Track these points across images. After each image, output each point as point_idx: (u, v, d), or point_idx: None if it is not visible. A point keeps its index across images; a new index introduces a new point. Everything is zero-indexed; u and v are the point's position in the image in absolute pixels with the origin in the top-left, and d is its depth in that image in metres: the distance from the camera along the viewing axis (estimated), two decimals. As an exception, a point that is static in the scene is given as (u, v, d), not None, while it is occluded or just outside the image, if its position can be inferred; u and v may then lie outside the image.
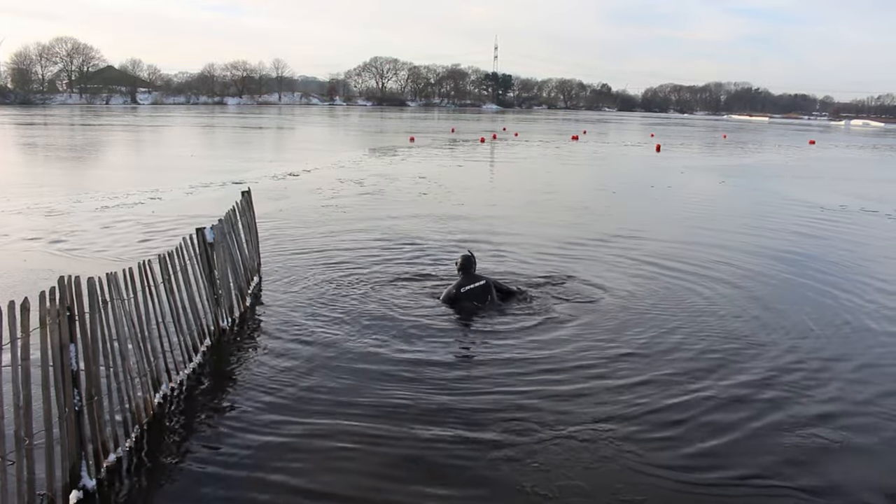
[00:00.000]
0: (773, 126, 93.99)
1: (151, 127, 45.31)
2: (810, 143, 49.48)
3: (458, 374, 5.47)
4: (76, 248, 9.43)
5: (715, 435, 4.56)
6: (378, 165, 22.78)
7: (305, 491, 3.85)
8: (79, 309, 3.74)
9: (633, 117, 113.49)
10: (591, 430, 4.57)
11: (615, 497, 3.86)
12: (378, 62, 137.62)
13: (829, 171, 27.43)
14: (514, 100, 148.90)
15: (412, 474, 4.03)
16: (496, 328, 6.59)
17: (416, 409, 4.83)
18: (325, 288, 7.69)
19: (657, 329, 6.65)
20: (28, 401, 3.36)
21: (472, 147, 33.42)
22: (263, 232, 9.29)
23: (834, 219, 14.17)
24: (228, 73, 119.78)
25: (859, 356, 6.15)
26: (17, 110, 65.57)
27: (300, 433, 4.46)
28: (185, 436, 4.41)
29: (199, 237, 5.84)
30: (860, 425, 4.78)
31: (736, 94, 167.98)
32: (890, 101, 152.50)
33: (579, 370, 5.59)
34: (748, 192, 19.18)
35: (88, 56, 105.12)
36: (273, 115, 74.15)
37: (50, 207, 12.54)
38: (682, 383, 5.39)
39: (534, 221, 12.63)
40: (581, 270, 8.74)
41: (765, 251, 10.57)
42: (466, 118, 79.46)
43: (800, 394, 5.28)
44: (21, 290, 6.89)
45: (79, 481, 3.68)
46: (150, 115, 64.66)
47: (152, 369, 4.70)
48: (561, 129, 58.95)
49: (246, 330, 6.40)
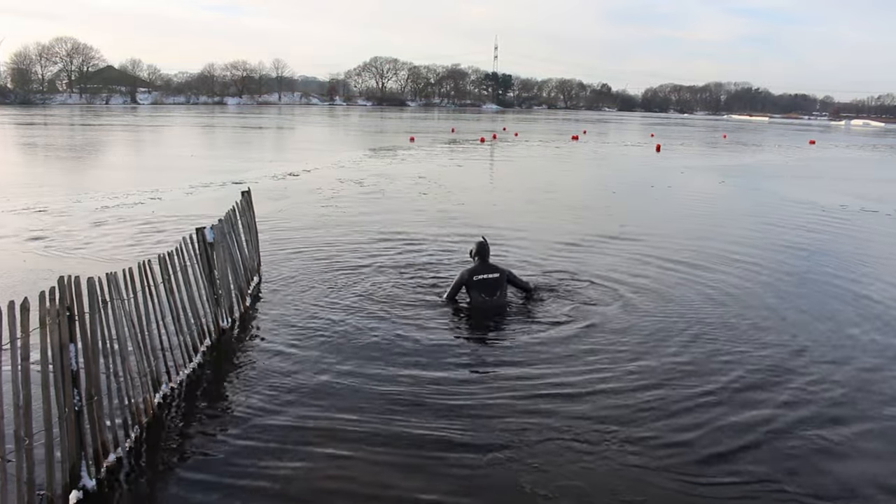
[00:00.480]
0: (773, 126, 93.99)
1: (151, 127, 45.30)
2: (810, 143, 49.48)
3: (458, 375, 5.46)
4: (76, 248, 9.43)
5: (717, 436, 4.56)
6: (378, 165, 22.78)
7: (305, 491, 3.85)
8: (79, 309, 3.73)
9: (633, 117, 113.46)
10: (591, 431, 4.57)
11: (615, 497, 3.85)
12: (378, 62, 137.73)
13: (829, 171, 27.43)
14: (514, 100, 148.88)
15: (412, 475, 4.03)
16: (497, 328, 6.59)
17: (416, 409, 4.82)
18: (326, 288, 7.69)
19: (660, 330, 6.64)
20: (28, 401, 3.36)
21: (472, 147, 33.41)
22: (263, 232, 9.28)
23: (834, 219, 14.17)
24: (228, 73, 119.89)
25: (868, 359, 6.13)
26: (16, 110, 65.56)
27: (300, 434, 4.45)
28: (185, 436, 4.41)
29: (199, 237, 5.83)
30: (867, 429, 4.76)
31: (736, 94, 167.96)
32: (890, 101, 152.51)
33: (580, 370, 5.59)
34: (748, 192, 19.18)
35: (88, 56, 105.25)
36: (273, 115, 74.13)
37: (50, 207, 12.53)
38: (685, 384, 5.39)
39: (535, 221, 12.63)
40: (582, 270, 8.73)
41: (765, 251, 10.57)
42: (466, 118, 79.45)
43: (805, 395, 5.26)
44: (21, 290, 6.88)
45: (78, 481, 3.68)
46: (149, 115, 64.65)
47: (152, 369, 4.69)
48: (561, 129, 58.94)
49: (246, 330, 6.39)
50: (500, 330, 6.53)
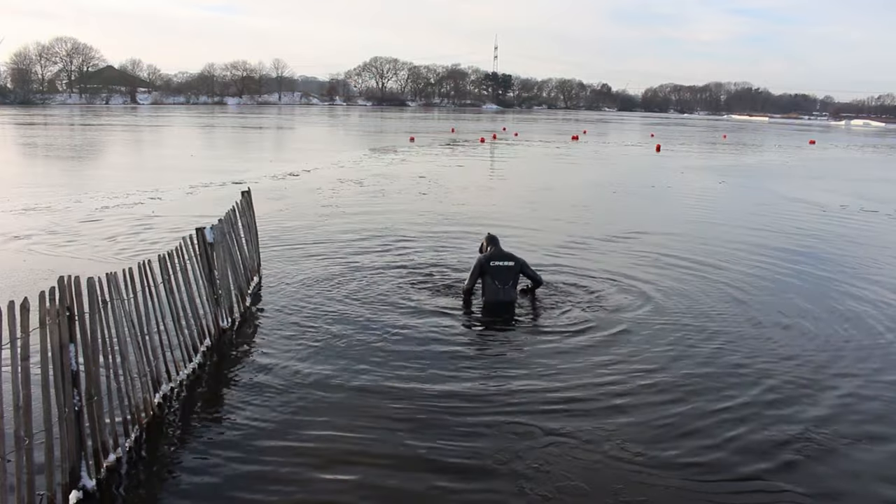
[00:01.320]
0: (773, 126, 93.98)
1: (151, 127, 45.30)
2: (810, 143, 49.49)
3: (459, 375, 5.46)
4: (76, 248, 9.43)
5: (718, 436, 4.56)
6: (378, 165, 22.77)
7: (305, 491, 3.85)
8: (79, 309, 3.73)
9: (633, 117, 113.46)
10: (591, 431, 4.57)
11: (615, 497, 3.85)
12: (378, 62, 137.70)
13: (829, 171, 27.43)
14: (514, 100, 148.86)
15: (412, 475, 4.03)
16: (499, 328, 6.59)
17: (416, 409, 4.82)
18: (326, 288, 7.68)
19: (661, 330, 6.64)
20: (28, 401, 3.36)
21: (472, 147, 33.41)
22: (263, 232, 9.28)
23: (834, 218, 14.16)
24: (228, 73, 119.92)
25: (871, 360, 6.14)
26: (16, 110, 65.55)
27: (300, 434, 4.45)
28: (185, 436, 4.41)
29: (199, 237, 5.83)
30: (867, 430, 4.76)
31: (736, 94, 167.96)
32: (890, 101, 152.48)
33: (580, 371, 5.59)
34: (748, 192, 19.17)
35: (88, 56, 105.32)
36: (273, 115, 74.13)
37: (50, 207, 12.53)
38: (686, 384, 5.39)
39: (535, 221, 12.62)
40: (583, 270, 8.74)
41: (766, 251, 10.56)
42: (466, 118, 79.44)
43: (806, 396, 5.27)
44: (21, 290, 6.89)
45: (78, 481, 3.68)
46: (149, 115, 64.65)
47: (152, 369, 4.69)
48: (561, 129, 58.93)
49: (246, 330, 6.39)
50: (502, 330, 6.53)
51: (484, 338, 6.37)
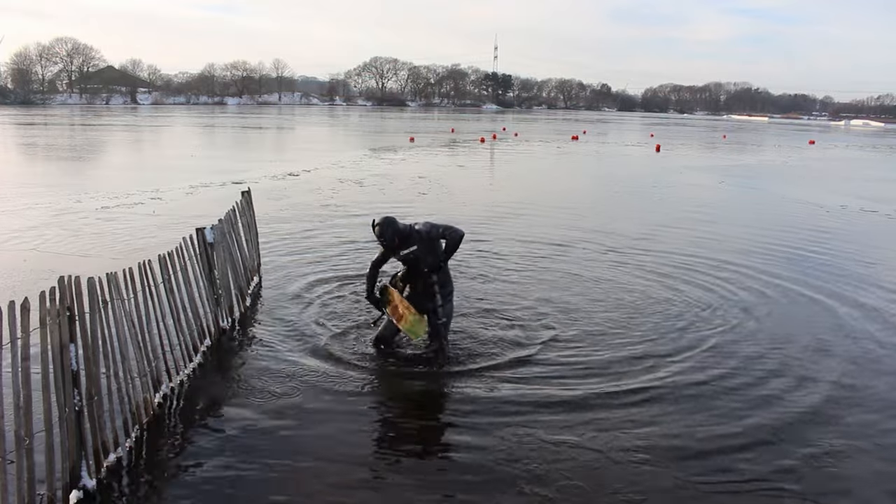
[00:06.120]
0: (773, 126, 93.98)
1: (151, 127, 45.29)
2: (810, 143, 49.48)
3: (459, 376, 5.46)
4: (76, 248, 9.43)
5: (718, 436, 4.56)
6: (378, 165, 22.77)
7: (306, 492, 3.85)
8: (79, 309, 3.74)
9: (632, 117, 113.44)
10: (591, 432, 4.57)
11: (615, 497, 3.85)
12: (378, 62, 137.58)
13: (829, 171, 27.43)
14: (514, 100, 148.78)
15: (411, 475, 4.03)
16: (499, 328, 6.59)
17: (416, 409, 4.83)
18: (326, 288, 7.69)
19: (661, 330, 6.65)
20: (28, 401, 3.36)
21: (471, 147, 33.41)
22: (263, 232, 9.28)
23: (835, 218, 14.16)
24: (228, 73, 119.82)
25: (870, 362, 6.14)
26: (17, 110, 65.53)
27: (300, 434, 4.46)
28: (185, 436, 4.41)
29: (199, 237, 5.83)
30: (867, 431, 4.76)
31: (736, 94, 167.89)
32: (890, 101, 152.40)
33: (581, 371, 5.59)
34: (748, 192, 19.18)
35: (88, 56, 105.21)
36: (273, 115, 74.11)
37: (50, 207, 12.53)
38: (686, 385, 5.39)
39: (535, 221, 12.62)
40: (583, 270, 8.74)
41: (767, 251, 10.56)
42: (466, 118, 79.42)
43: (807, 396, 5.27)
44: (21, 290, 6.88)
45: (79, 481, 3.68)
46: (150, 115, 64.63)
47: (152, 369, 4.70)
48: (561, 129, 58.92)
49: (246, 330, 6.39)
50: (503, 329, 6.53)
51: (483, 337, 6.36)
